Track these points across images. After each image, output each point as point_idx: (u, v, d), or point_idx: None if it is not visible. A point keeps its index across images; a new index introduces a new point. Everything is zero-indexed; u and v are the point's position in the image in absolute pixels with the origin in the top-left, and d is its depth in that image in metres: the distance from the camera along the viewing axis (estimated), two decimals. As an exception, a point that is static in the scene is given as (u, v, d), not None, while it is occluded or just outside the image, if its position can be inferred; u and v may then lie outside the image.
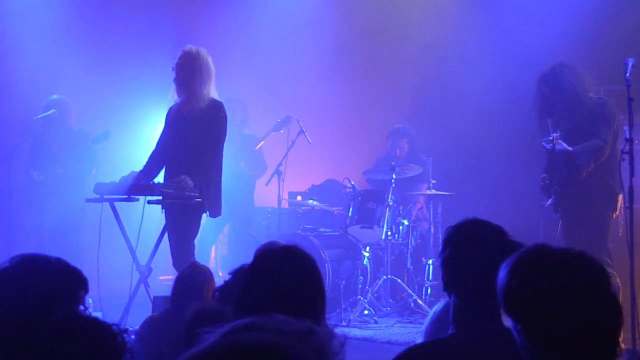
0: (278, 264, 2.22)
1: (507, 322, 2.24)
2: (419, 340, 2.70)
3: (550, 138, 5.59)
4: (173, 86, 5.37)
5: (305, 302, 2.11)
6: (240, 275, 3.08)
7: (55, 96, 7.21)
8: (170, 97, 5.47)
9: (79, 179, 7.01)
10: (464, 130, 7.76)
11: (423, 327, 2.71)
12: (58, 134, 7.15)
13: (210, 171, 5.31)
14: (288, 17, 8.72)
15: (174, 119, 5.46)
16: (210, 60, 5.37)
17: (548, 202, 5.90)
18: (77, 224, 7.16)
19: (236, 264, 3.20)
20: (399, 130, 7.63)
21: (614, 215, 5.59)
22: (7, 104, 8.05)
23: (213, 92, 5.38)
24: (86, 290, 2.16)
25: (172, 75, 5.35)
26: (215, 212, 5.38)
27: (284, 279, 2.17)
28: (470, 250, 2.20)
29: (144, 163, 5.50)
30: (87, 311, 2.13)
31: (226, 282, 3.10)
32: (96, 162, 7.17)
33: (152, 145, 5.61)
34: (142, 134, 8.00)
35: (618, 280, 5.55)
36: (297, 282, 2.17)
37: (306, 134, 7.42)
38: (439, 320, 2.58)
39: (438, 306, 2.65)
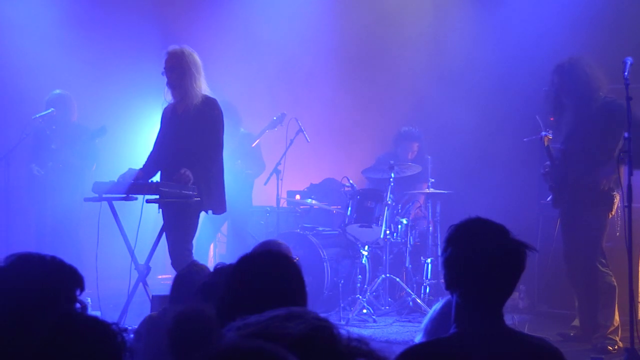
0: (256, 268, 2.23)
1: (508, 320, 2.26)
2: (418, 337, 2.70)
3: (540, 136, 5.59)
4: (166, 89, 5.39)
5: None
6: (223, 273, 3.07)
7: (57, 91, 7.17)
8: (163, 99, 5.48)
9: (79, 175, 6.99)
10: (463, 129, 7.76)
11: (422, 325, 2.71)
12: (59, 129, 7.13)
13: (210, 168, 5.31)
14: (286, 16, 8.71)
15: (169, 119, 5.47)
16: (195, 55, 5.38)
17: (548, 198, 5.89)
18: (76, 220, 7.14)
19: (235, 263, 3.19)
20: (411, 133, 7.56)
21: (610, 216, 5.58)
22: (7, 103, 8.03)
23: (204, 85, 5.39)
24: (82, 289, 2.14)
25: (164, 79, 5.36)
26: (219, 210, 5.38)
27: (263, 285, 2.17)
28: (473, 249, 2.19)
29: (143, 163, 5.50)
30: (84, 310, 2.12)
31: (208, 279, 3.08)
32: (97, 158, 7.15)
33: (151, 145, 5.61)
34: (142, 132, 7.99)
35: (613, 279, 5.54)
36: (277, 287, 2.17)
37: (305, 133, 7.42)
38: (439, 318, 2.58)
39: (439, 304, 2.66)
